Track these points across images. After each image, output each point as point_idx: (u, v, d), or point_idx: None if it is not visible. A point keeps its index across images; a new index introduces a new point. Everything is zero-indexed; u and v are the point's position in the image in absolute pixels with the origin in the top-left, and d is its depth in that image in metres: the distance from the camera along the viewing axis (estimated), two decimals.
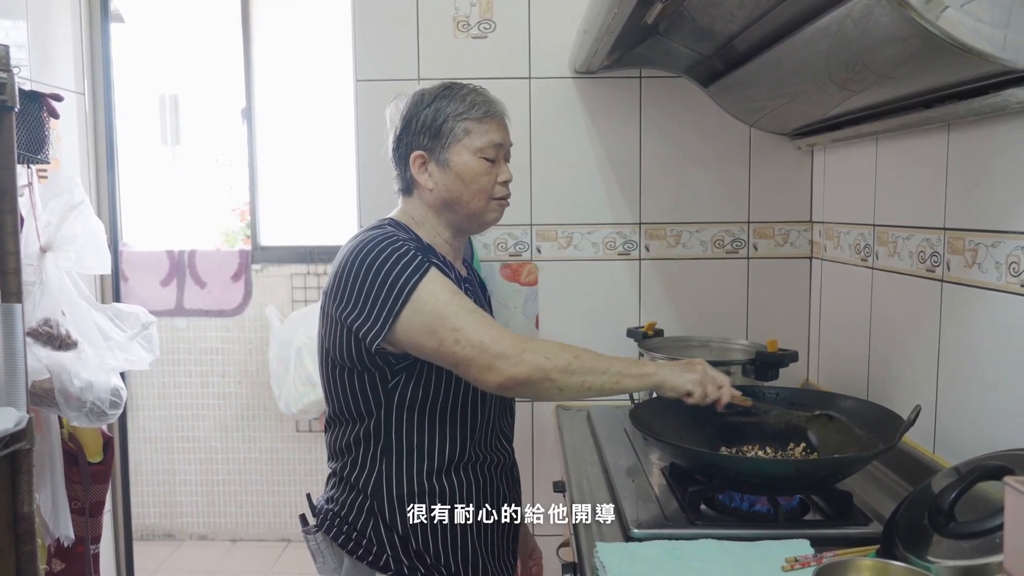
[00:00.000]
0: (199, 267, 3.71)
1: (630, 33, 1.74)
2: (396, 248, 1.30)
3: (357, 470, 1.37)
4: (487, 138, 1.40)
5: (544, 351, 1.26)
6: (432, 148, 1.39)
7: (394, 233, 1.34)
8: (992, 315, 1.36)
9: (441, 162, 1.39)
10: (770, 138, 2.21)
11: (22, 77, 1.83)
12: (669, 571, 1.17)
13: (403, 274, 1.27)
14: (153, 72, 4.14)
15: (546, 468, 2.26)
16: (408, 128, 1.41)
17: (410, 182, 1.42)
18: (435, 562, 1.35)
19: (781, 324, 2.23)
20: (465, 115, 1.39)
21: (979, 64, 1.10)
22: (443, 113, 1.39)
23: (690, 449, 1.43)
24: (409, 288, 1.26)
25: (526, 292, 2.27)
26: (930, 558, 1.04)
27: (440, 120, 1.38)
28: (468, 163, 1.39)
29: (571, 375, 1.27)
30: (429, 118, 1.39)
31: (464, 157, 1.39)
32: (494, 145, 1.41)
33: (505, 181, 1.45)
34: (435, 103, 1.40)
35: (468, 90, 1.42)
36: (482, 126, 1.40)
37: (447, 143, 1.39)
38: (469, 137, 1.39)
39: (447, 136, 1.38)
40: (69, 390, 1.95)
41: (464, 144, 1.39)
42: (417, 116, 1.40)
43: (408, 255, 1.29)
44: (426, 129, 1.39)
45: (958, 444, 1.46)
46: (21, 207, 1.84)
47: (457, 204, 1.41)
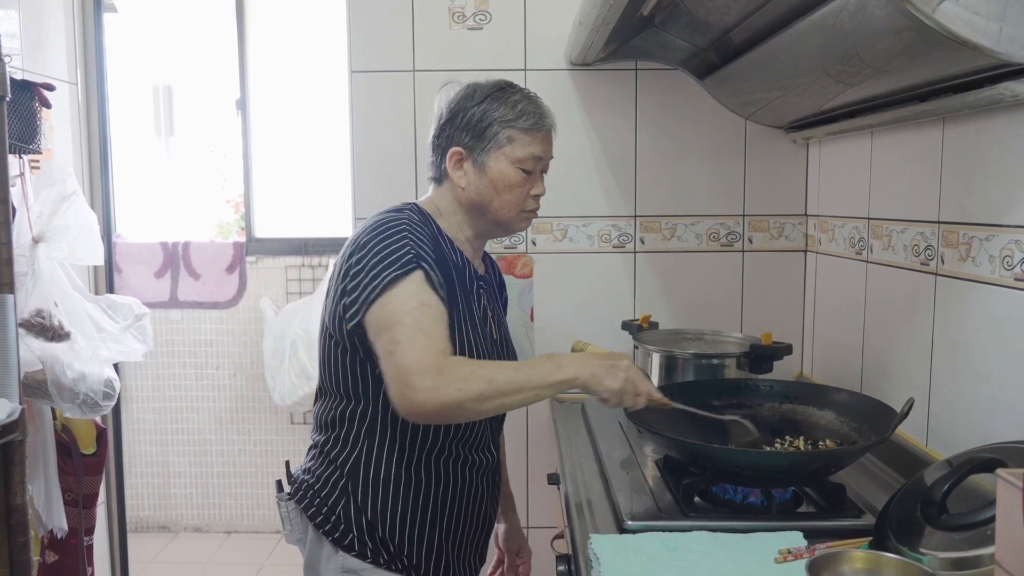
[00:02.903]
0: (193, 259, 3.70)
1: (626, 25, 1.73)
2: (397, 239, 1.28)
3: (338, 448, 1.36)
4: (529, 150, 1.38)
5: (460, 381, 1.18)
6: (472, 148, 1.37)
7: (404, 222, 1.32)
8: (985, 309, 1.36)
9: (478, 164, 1.38)
10: (765, 131, 2.21)
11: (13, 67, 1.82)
12: (663, 563, 1.18)
13: (389, 267, 1.25)
14: (146, 63, 4.12)
15: (540, 460, 2.26)
16: (453, 121, 1.39)
17: (444, 174, 1.41)
18: (398, 551, 1.34)
19: (775, 317, 2.24)
20: (512, 123, 1.37)
21: (974, 57, 1.10)
22: (490, 116, 1.37)
23: (684, 441, 1.43)
24: (387, 282, 1.24)
25: (521, 285, 2.27)
26: (922, 550, 1.04)
27: (486, 122, 1.37)
28: (504, 171, 1.37)
29: (486, 401, 1.21)
30: (476, 117, 1.37)
31: (502, 165, 1.37)
32: (534, 158, 1.39)
33: (537, 195, 1.43)
34: (485, 103, 1.38)
35: (521, 96, 1.40)
36: (527, 137, 1.38)
37: (488, 147, 1.37)
38: (511, 146, 1.37)
39: (489, 140, 1.37)
40: (62, 381, 1.95)
41: (504, 152, 1.37)
42: (464, 111, 1.38)
43: (402, 249, 1.27)
44: (471, 127, 1.37)
45: (951, 437, 1.46)
46: (13, 197, 1.82)
47: (486, 209, 1.40)
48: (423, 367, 1.18)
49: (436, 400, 1.17)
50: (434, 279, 1.27)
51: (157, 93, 4.20)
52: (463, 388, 1.18)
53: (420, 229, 1.33)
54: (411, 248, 1.28)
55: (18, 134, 1.94)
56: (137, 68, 4.07)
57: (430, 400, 1.17)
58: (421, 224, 1.35)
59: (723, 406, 1.65)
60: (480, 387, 1.19)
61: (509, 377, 1.23)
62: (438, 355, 1.20)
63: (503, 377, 1.22)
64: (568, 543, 1.36)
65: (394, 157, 2.23)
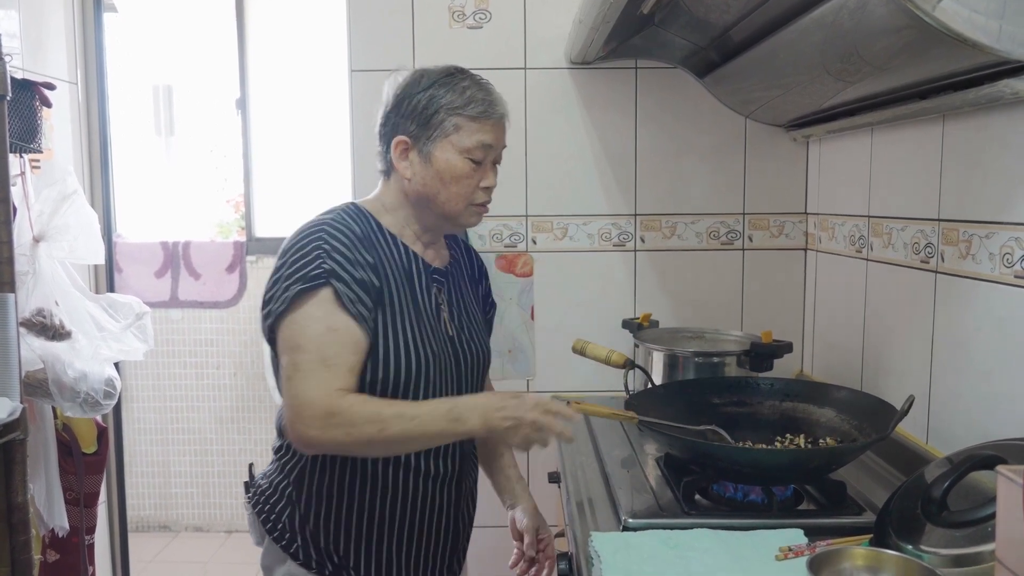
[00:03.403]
0: (193, 258, 3.70)
1: (626, 23, 1.74)
2: (311, 248, 1.23)
3: (288, 455, 1.35)
4: (476, 138, 1.31)
5: (348, 425, 1.16)
6: (417, 136, 1.31)
7: (324, 229, 1.26)
8: (985, 306, 1.36)
9: (423, 154, 1.31)
10: (765, 129, 2.21)
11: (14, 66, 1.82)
12: (663, 560, 1.18)
13: (298, 281, 1.21)
14: (146, 62, 4.12)
15: (541, 459, 2.26)
16: (398, 108, 1.32)
17: (391, 165, 1.35)
18: (344, 562, 1.31)
19: (775, 315, 2.24)
20: (460, 110, 1.30)
21: (974, 55, 1.10)
22: (436, 102, 1.30)
23: (685, 439, 1.43)
24: (294, 296, 1.20)
25: (521, 283, 2.27)
26: (923, 547, 1.04)
27: (432, 109, 1.30)
28: (451, 161, 1.31)
29: (374, 447, 1.22)
30: (421, 104, 1.30)
31: (448, 154, 1.31)
32: (483, 146, 1.32)
33: (488, 187, 1.36)
34: (432, 89, 1.31)
35: (470, 83, 1.33)
36: (475, 124, 1.31)
37: (434, 135, 1.30)
38: (458, 134, 1.30)
39: (435, 128, 1.30)
40: (63, 380, 1.95)
41: (451, 140, 1.30)
42: (410, 98, 1.31)
43: (314, 262, 1.22)
44: (416, 115, 1.31)
45: (951, 434, 1.46)
46: (14, 196, 1.82)
47: (432, 201, 1.33)
48: (315, 405, 1.17)
49: (321, 440, 1.18)
50: (346, 296, 1.21)
51: (157, 93, 4.20)
52: (351, 433, 1.17)
53: (341, 236, 1.26)
54: (323, 261, 1.22)
55: (19, 133, 1.94)
56: (137, 68, 4.07)
57: (316, 439, 1.18)
58: (346, 229, 1.28)
59: (724, 404, 1.66)
60: (369, 434, 1.17)
61: (402, 428, 1.18)
62: (333, 394, 1.18)
63: (395, 427, 1.18)
64: (569, 541, 1.36)
65: None
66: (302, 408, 1.18)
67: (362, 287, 1.24)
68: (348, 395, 1.20)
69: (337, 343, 1.20)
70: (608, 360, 1.85)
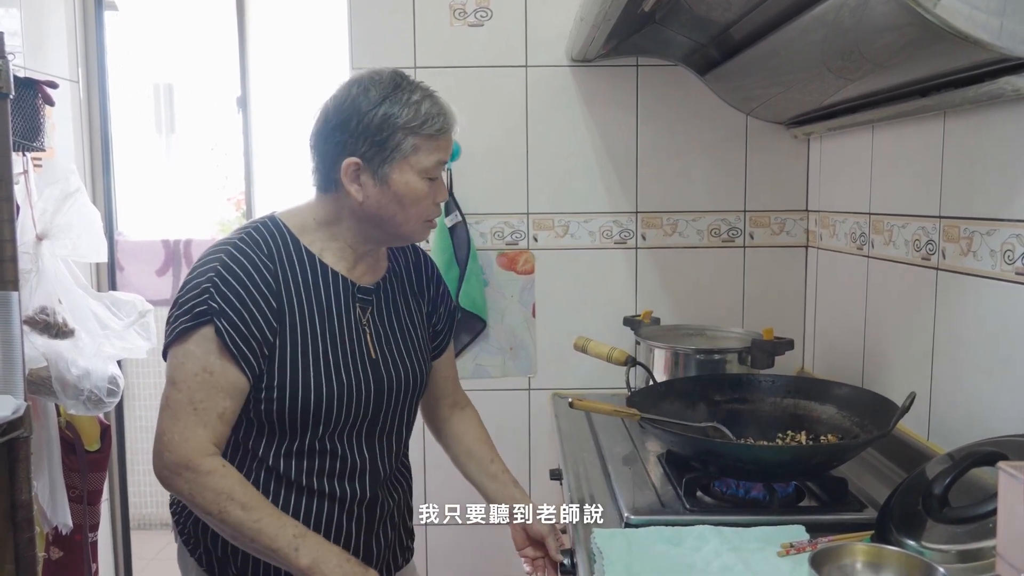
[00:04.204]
0: (195, 257, 3.69)
1: (627, 21, 1.74)
2: (202, 280, 1.18)
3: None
4: (435, 157, 1.24)
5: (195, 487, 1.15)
6: (371, 158, 1.21)
7: (220, 257, 1.19)
8: (986, 303, 1.36)
9: (379, 176, 1.22)
10: (766, 127, 2.21)
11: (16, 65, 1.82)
12: (665, 557, 1.18)
13: (184, 314, 1.17)
14: (147, 60, 4.13)
15: (542, 456, 2.27)
16: (346, 126, 1.21)
17: (334, 184, 1.25)
18: (242, 573, 1.28)
19: (777, 312, 2.24)
20: (418, 129, 1.21)
21: (975, 52, 1.10)
22: (392, 122, 1.20)
23: (687, 436, 1.43)
24: (178, 331, 1.17)
25: (522, 281, 2.27)
26: (924, 543, 1.05)
27: (388, 130, 1.20)
28: (410, 184, 1.23)
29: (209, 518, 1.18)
30: (374, 123, 1.20)
31: (407, 176, 1.22)
32: (440, 163, 1.26)
33: (440, 201, 1.29)
34: (384, 105, 1.20)
35: (421, 95, 1.23)
36: (433, 143, 1.23)
37: (390, 157, 1.21)
38: (417, 155, 1.22)
39: (392, 150, 1.21)
40: (66, 378, 1.95)
41: (410, 162, 1.22)
42: (360, 116, 1.21)
43: (201, 296, 1.16)
44: (368, 135, 1.20)
45: (952, 431, 1.47)
46: (17, 195, 1.83)
47: (387, 223, 1.26)
48: (175, 451, 1.15)
49: (168, 484, 1.18)
50: (228, 335, 1.16)
51: (158, 91, 4.20)
52: (193, 495, 1.16)
53: (236, 268, 1.19)
54: (211, 296, 1.16)
55: (22, 132, 1.94)
56: (138, 66, 4.08)
57: (165, 480, 1.18)
58: (250, 253, 1.21)
59: (725, 401, 1.66)
60: (208, 506, 1.15)
61: (240, 520, 1.14)
62: (200, 449, 1.15)
63: (234, 517, 1.14)
64: (571, 538, 1.36)
65: None
66: (162, 448, 1.16)
67: (253, 322, 1.18)
68: (213, 459, 1.16)
69: (210, 387, 1.16)
70: (609, 357, 1.86)
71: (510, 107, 2.23)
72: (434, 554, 2.31)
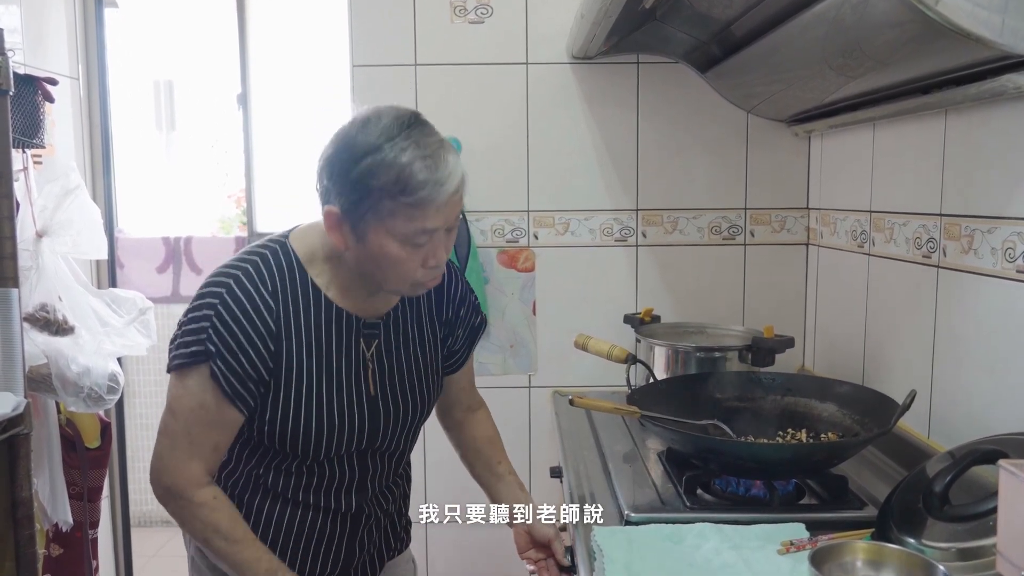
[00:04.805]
0: (195, 254, 3.70)
1: (628, 18, 1.74)
2: (203, 314, 1.16)
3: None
4: (415, 226, 1.11)
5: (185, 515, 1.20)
6: (349, 213, 1.12)
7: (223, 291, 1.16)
8: (987, 301, 1.36)
9: (356, 232, 1.13)
10: (767, 124, 2.21)
11: (16, 61, 1.82)
12: (665, 554, 1.18)
13: (182, 347, 1.16)
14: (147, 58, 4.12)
15: (543, 454, 2.27)
16: (329, 172, 1.13)
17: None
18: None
19: (777, 310, 2.24)
20: (396, 195, 1.08)
21: (977, 49, 1.10)
22: (367, 182, 1.08)
23: (687, 434, 1.43)
24: (176, 365, 1.17)
25: (523, 278, 2.27)
26: (925, 541, 1.05)
27: (362, 190, 1.09)
28: (385, 247, 1.13)
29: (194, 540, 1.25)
30: (351, 178, 1.10)
31: (382, 239, 1.12)
32: (424, 232, 1.12)
33: (435, 264, 1.17)
34: (366, 160, 1.09)
35: (413, 156, 1.08)
36: (414, 211, 1.09)
37: (365, 215, 1.11)
38: (393, 220, 1.10)
39: (366, 209, 1.10)
40: (66, 375, 1.95)
41: (386, 226, 1.11)
42: (341, 164, 1.11)
43: (201, 333, 1.15)
44: (345, 189, 1.11)
45: (952, 429, 1.47)
46: (17, 192, 1.82)
47: (370, 277, 1.20)
48: (172, 475, 1.19)
49: (163, 504, 1.22)
50: (223, 376, 1.15)
51: (158, 88, 4.20)
52: (182, 522, 1.22)
53: (235, 308, 1.16)
54: (208, 337, 1.14)
55: (22, 128, 1.94)
56: (138, 63, 4.07)
57: (160, 500, 1.22)
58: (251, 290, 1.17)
59: (725, 399, 1.66)
60: (193, 532, 1.22)
61: (220, 549, 1.19)
62: (195, 479, 1.19)
63: (216, 547, 1.19)
64: (571, 536, 1.36)
65: None
66: (160, 471, 1.20)
67: (250, 364, 1.16)
68: (206, 491, 1.20)
69: (205, 422, 1.18)
70: (610, 355, 1.86)
71: (510, 104, 2.23)
72: (434, 554, 2.31)
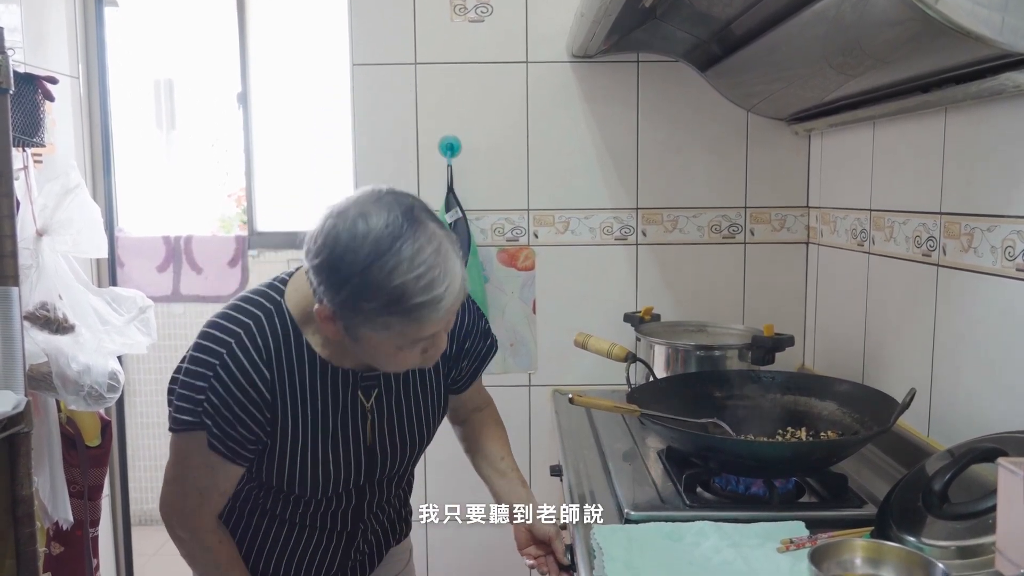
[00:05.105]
0: (195, 253, 3.69)
1: (628, 17, 1.73)
2: (200, 379, 1.15)
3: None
4: (412, 336, 1.08)
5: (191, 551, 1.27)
6: (342, 315, 1.06)
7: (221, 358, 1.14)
8: (987, 299, 1.36)
9: (350, 331, 1.09)
10: (767, 123, 2.21)
11: (16, 60, 1.81)
12: (665, 553, 1.18)
13: (181, 412, 1.16)
14: (147, 56, 4.12)
15: (543, 452, 2.27)
16: (319, 274, 1.06)
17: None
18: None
19: (777, 309, 2.24)
20: (390, 314, 1.04)
21: (977, 48, 1.10)
22: (359, 304, 1.04)
23: (687, 432, 1.43)
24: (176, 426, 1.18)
25: (523, 277, 2.27)
26: (924, 539, 1.05)
27: (353, 308, 1.04)
28: (381, 347, 1.11)
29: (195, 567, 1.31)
30: (342, 298, 1.04)
31: (376, 343, 1.09)
32: (420, 340, 1.10)
33: (434, 355, 1.16)
34: (355, 280, 1.02)
35: (407, 275, 1.02)
36: (409, 327, 1.06)
37: (359, 322, 1.06)
38: (387, 331, 1.06)
39: (361, 319, 1.05)
40: (67, 373, 1.95)
41: (379, 335, 1.07)
42: (338, 272, 1.04)
43: (198, 396, 1.14)
44: (335, 302, 1.05)
45: (952, 427, 1.47)
46: (17, 191, 1.82)
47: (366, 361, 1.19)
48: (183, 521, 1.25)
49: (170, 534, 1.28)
50: (222, 443, 1.16)
51: (158, 87, 4.19)
52: (185, 556, 1.29)
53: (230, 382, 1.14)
54: (204, 411, 1.14)
55: (22, 127, 1.93)
56: (138, 62, 4.07)
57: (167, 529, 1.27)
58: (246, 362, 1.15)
59: (725, 397, 1.66)
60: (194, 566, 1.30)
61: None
62: (202, 528, 1.25)
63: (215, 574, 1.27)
64: (571, 534, 1.36)
65: (395, 150, 2.23)
66: (170, 517, 1.26)
67: (246, 429, 1.17)
68: (214, 535, 1.26)
69: (211, 476, 1.21)
70: (610, 354, 1.86)
71: (510, 103, 2.23)
72: (434, 554, 2.32)
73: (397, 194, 1.09)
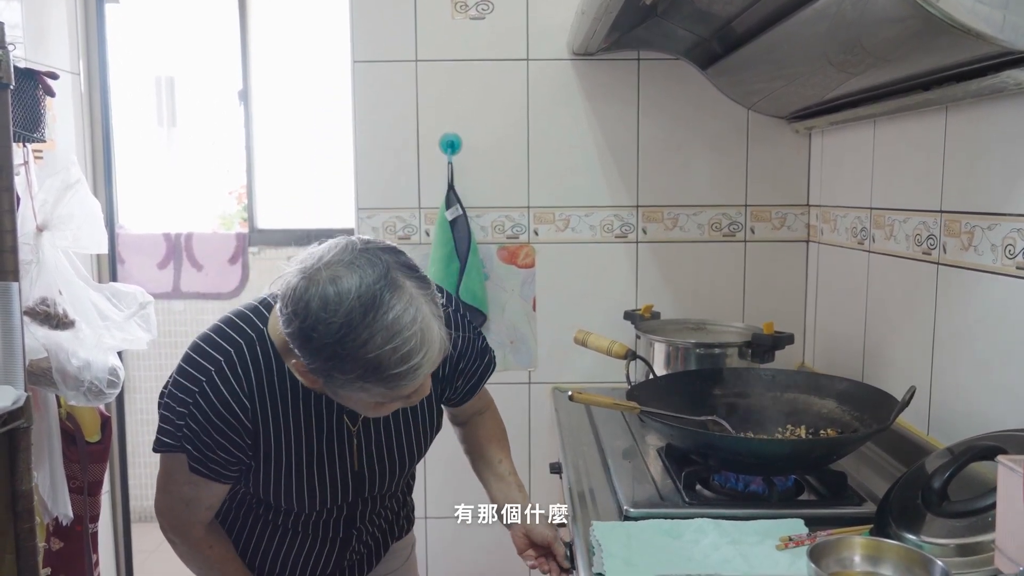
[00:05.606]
0: (196, 250, 3.70)
1: (628, 14, 1.73)
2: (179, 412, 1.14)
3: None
4: (389, 396, 1.06)
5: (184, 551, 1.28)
6: (320, 376, 1.04)
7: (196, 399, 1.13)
8: (987, 297, 1.36)
9: (329, 388, 1.07)
10: (768, 121, 2.21)
11: (16, 56, 1.81)
12: (664, 549, 1.18)
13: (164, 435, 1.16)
14: (148, 53, 4.11)
15: (542, 449, 2.27)
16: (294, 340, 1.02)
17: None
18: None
19: (777, 307, 2.24)
20: (368, 382, 1.01)
21: (977, 45, 1.10)
22: (334, 375, 1.01)
23: (687, 429, 1.43)
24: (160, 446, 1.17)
25: (523, 275, 2.27)
26: (924, 537, 1.05)
27: (331, 376, 1.02)
28: (360, 403, 1.10)
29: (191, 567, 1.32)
30: (317, 367, 1.02)
31: (354, 400, 1.09)
32: (400, 399, 1.09)
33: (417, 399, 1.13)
34: (328, 353, 0.99)
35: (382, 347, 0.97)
36: (388, 391, 1.03)
37: (337, 386, 1.04)
38: (367, 394, 1.04)
39: (337, 384, 1.03)
40: (67, 369, 1.95)
41: (359, 395, 1.05)
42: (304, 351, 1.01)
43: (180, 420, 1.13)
44: (314, 366, 1.02)
45: (951, 425, 1.47)
46: (17, 186, 1.82)
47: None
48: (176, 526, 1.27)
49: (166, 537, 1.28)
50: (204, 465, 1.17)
51: (159, 84, 4.19)
52: (181, 557, 1.30)
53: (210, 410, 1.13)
54: (184, 434, 1.14)
55: (22, 123, 1.93)
56: (139, 59, 4.06)
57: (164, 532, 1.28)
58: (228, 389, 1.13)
59: (725, 395, 1.66)
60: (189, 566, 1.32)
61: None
62: (196, 537, 1.27)
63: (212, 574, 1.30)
64: (570, 531, 1.36)
65: (396, 147, 2.23)
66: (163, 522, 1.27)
67: (228, 453, 1.16)
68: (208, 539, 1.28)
69: (197, 491, 1.22)
70: (610, 351, 1.86)
71: (511, 101, 2.22)
72: (434, 552, 2.32)
73: (371, 251, 1.02)
